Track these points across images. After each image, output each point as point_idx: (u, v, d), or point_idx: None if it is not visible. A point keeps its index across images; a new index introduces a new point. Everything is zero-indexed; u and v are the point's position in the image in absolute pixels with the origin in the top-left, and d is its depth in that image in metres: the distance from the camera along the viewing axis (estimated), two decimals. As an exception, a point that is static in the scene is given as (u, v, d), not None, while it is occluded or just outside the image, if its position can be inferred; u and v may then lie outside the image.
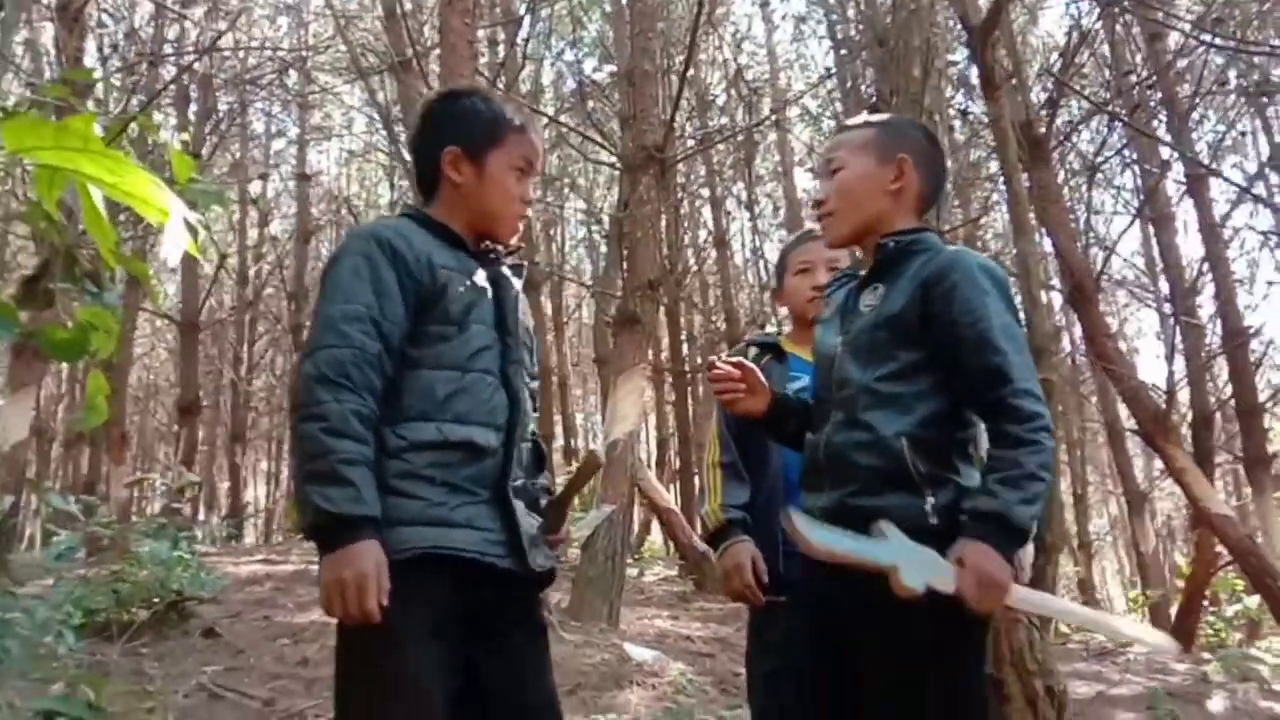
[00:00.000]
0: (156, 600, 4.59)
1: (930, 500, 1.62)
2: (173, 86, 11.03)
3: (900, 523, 1.60)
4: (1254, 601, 8.69)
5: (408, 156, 8.34)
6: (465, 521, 1.57)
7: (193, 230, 1.13)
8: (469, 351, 1.64)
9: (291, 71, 13.58)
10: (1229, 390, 9.29)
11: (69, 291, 1.87)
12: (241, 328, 16.87)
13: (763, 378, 1.89)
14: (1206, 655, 7.11)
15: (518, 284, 1.81)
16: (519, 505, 1.65)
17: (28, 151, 0.96)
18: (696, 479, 14.16)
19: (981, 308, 1.63)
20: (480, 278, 1.72)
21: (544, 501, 1.79)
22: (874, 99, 10.66)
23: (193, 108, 12.40)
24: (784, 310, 2.53)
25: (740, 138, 12.66)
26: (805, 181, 15.32)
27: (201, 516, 16.61)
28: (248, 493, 19.37)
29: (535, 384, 1.90)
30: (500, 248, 1.81)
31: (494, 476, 1.63)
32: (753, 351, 2.34)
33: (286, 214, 17.83)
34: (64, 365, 17.53)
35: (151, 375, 21.16)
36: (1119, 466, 12.43)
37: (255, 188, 16.12)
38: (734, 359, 1.90)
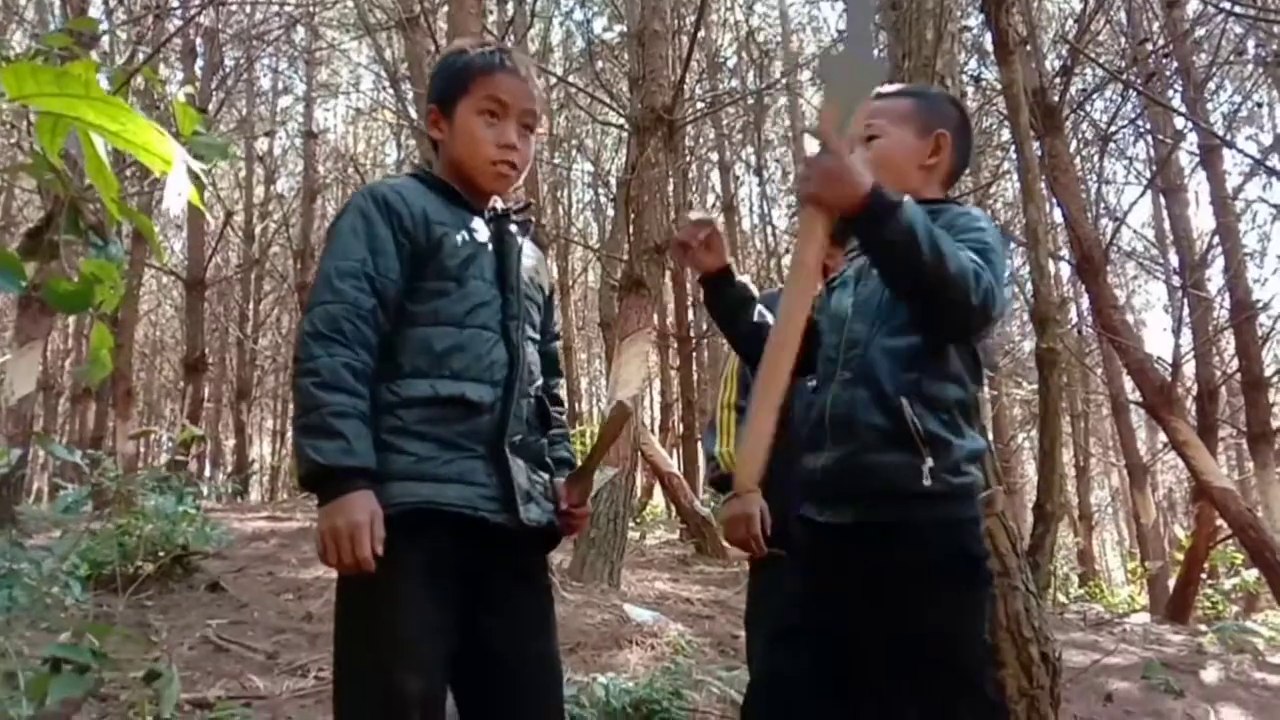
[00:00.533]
0: (162, 554, 4.63)
1: (928, 462, 1.62)
2: (178, 40, 10.94)
3: (895, 482, 1.61)
4: (1252, 575, 8.75)
5: (414, 114, 8.31)
6: (456, 476, 1.57)
7: (196, 181, 1.13)
8: (467, 307, 1.64)
9: (299, 27, 13.47)
10: (1235, 364, 9.26)
11: (73, 244, 1.87)
12: (247, 285, 16.90)
13: (724, 241, 1.88)
14: (1203, 627, 7.16)
15: (524, 240, 1.79)
16: (517, 461, 1.64)
17: (28, 98, 0.95)
18: (699, 443, 14.22)
19: (979, 233, 1.66)
20: (481, 233, 1.71)
21: (560, 470, 1.78)
22: (886, 63, 10.52)
23: (198, 62, 12.32)
24: None
25: (750, 101, 12.56)
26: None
27: (207, 473, 16.74)
28: (253, 450, 19.51)
29: (555, 343, 1.89)
30: (504, 203, 1.78)
31: (490, 432, 1.62)
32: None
33: (293, 171, 17.77)
34: (70, 320, 17.57)
35: (158, 332, 21.23)
36: (1122, 439, 12.44)
37: (261, 145, 16.04)
38: (700, 218, 1.85)
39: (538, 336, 1.78)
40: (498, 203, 1.78)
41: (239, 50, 13.33)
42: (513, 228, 1.76)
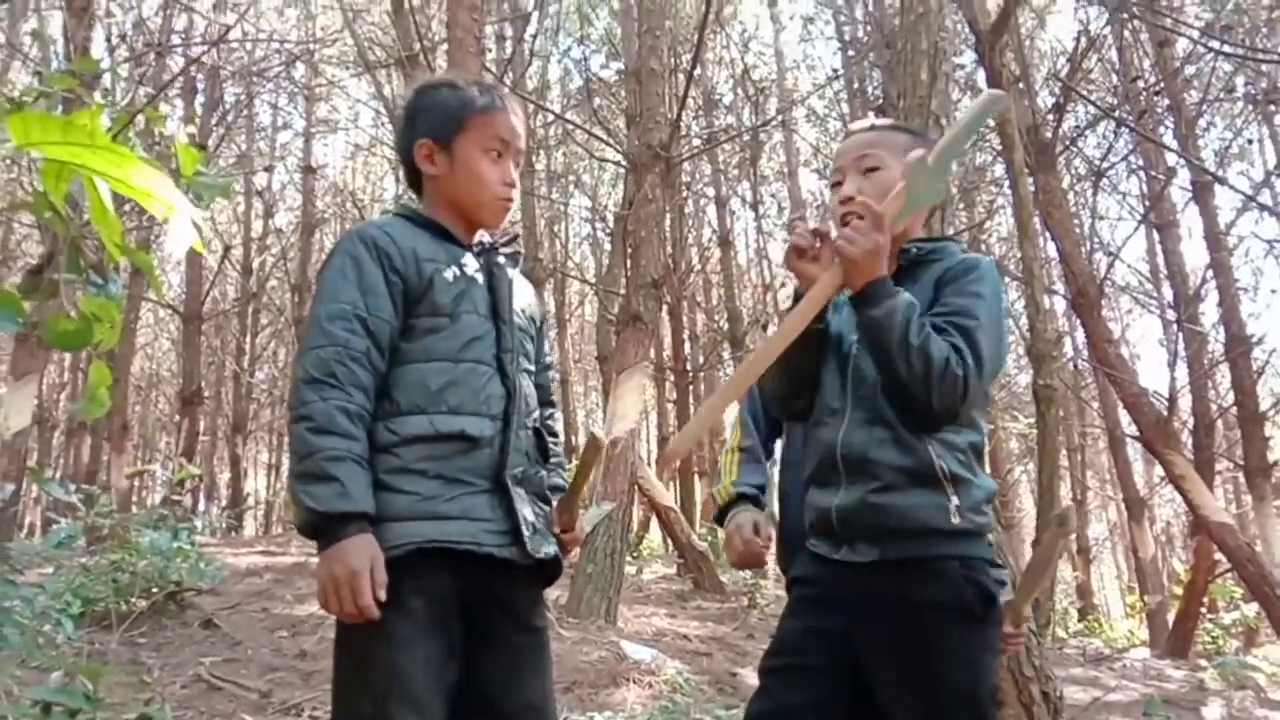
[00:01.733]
0: (155, 590, 4.60)
1: (954, 501, 1.62)
2: (180, 78, 11.04)
3: (927, 521, 1.62)
4: (1251, 609, 8.71)
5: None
6: (461, 513, 1.57)
7: (198, 227, 1.14)
8: (460, 342, 1.64)
9: (299, 64, 13.60)
10: (1231, 398, 9.28)
11: (73, 282, 1.87)
12: (244, 319, 16.88)
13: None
14: (1203, 662, 7.11)
15: (513, 272, 1.79)
16: (519, 493, 1.64)
17: (34, 145, 0.97)
18: (697, 476, 14.17)
19: (973, 299, 1.66)
20: (471, 267, 1.71)
21: (555, 497, 1.78)
22: (880, 101, 10.66)
23: (199, 99, 12.43)
24: None
25: (746, 137, 12.66)
26: (810, 182, 15.30)
27: (202, 507, 16.65)
28: (248, 484, 19.39)
29: (550, 373, 1.89)
30: (490, 236, 1.79)
31: (491, 466, 1.62)
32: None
33: (291, 206, 17.84)
34: (66, 355, 17.56)
35: (154, 365, 21.21)
36: (1119, 472, 12.43)
37: (260, 179, 16.13)
38: (815, 226, 1.78)
39: (532, 368, 1.79)
40: (484, 236, 1.79)
41: (239, 86, 13.46)
42: (501, 259, 1.77)
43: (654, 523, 13.26)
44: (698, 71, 10.47)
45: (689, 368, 14.03)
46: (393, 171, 16.44)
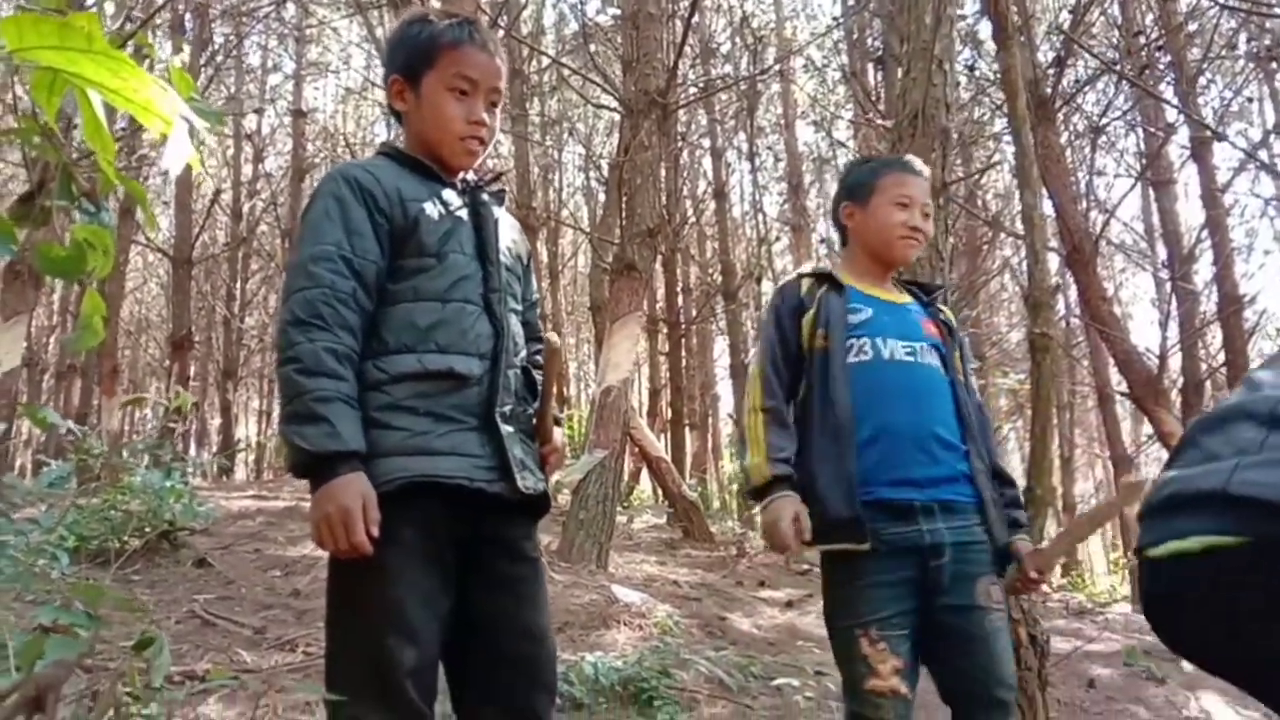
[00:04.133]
0: (148, 529, 4.61)
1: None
2: (166, 14, 10.82)
3: None
4: (1232, 565, 8.82)
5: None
6: (450, 449, 1.57)
7: (197, 143, 1.11)
8: (448, 282, 1.64)
9: (289, 4, 13.34)
10: (1221, 357, 9.32)
11: (65, 209, 1.84)
12: (235, 264, 16.78)
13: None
14: (1183, 616, 7.22)
15: (499, 211, 1.78)
16: (508, 430, 1.64)
17: (29, 50, 0.94)
18: (688, 428, 14.23)
19: None
20: (457, 206, 1.70)
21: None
22: (880, 52, 10.53)
23: (187, 38, 12.19)
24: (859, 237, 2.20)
25: (743, 86, 12.51)
26: (807, 135, 15.18)
27: (193, 452, 16.67)
28: (239, 429, 19.43)
29: (536, 310, 1.88)
30: (474, 175, 1.77)
31: (480, 404, 1.62)
32: (805, 283, 2.10)
33: (281, 150, 17.64)
34: (55, 295, 17.42)
35: (143, 309, 21.09)
36: (1107, 430, 12.51)
37: (250, 122, 15.91)
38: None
39: (519, 307, 1.78)
40: (469, 175, 1.77)
41: (228, 26, 13.20)
42: (486, 199, 1.76)
43: (645, 473, 13.33)
44: (695, 18, 10.31)
45: (682, 319, 14.02)
46: (384, 116, 16.24)
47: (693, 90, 11.36)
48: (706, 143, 14.66)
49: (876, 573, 1.89)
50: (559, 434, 1.80)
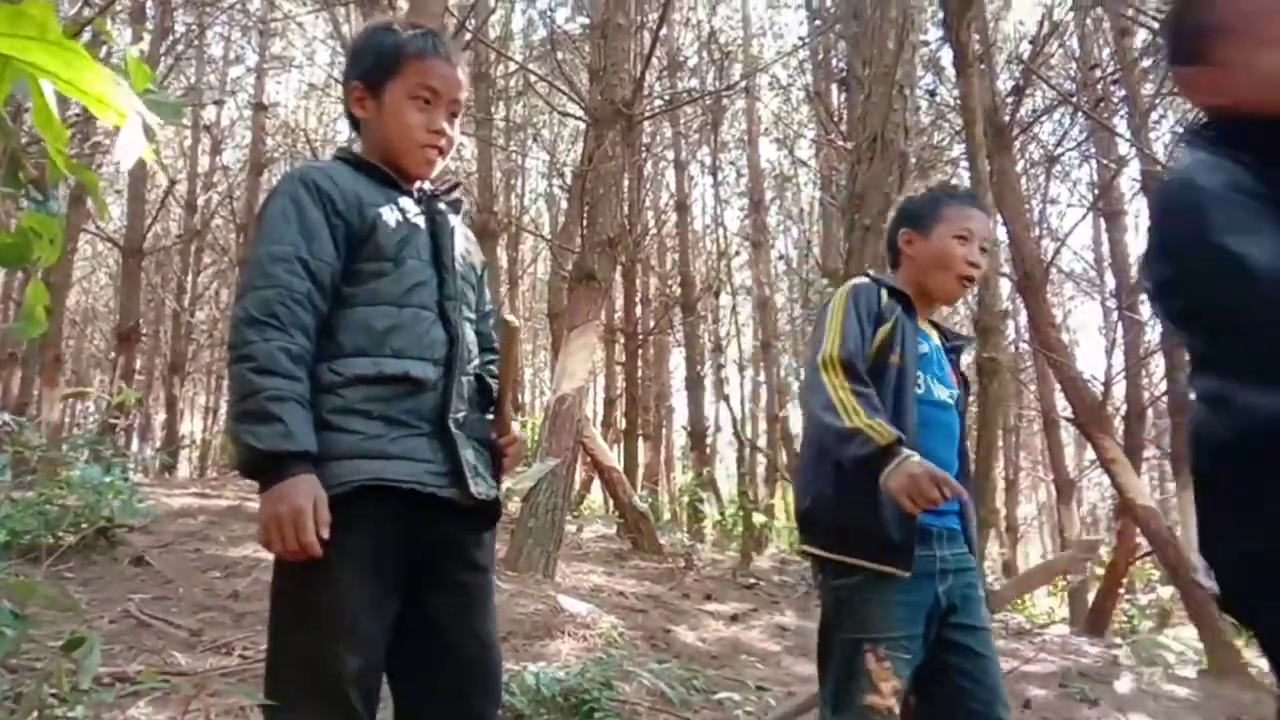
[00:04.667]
0: (85, 525, 4.50)
1: None
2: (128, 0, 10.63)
3: None
4: (1168, 592, 9.04)
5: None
6: (404, 453, 1.57)
7: (150, 136, 1.10)
8: (404, 287, 1.64)
9: (254, -4, 13.17)
10: (1163, 386, 9.55)
11: (12, 196, 1.80)
12: (187, 256, 16.47)
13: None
14: (1118, 640, 7.39)
15: (455, 219, 1.79)
16: (461, 436, 1.64)
17: (-21, 36, 0.92)
18: (641, 439, 14.23)
19: None
20: (414, 213, 1.71)
21: (493, 434, 1.78)
22: (844, 73, 10.66)
23: (148, 25, 11.97)
24: (914, 264, 2.16)
25: (709, 101, 12.60)
26: (770, 152, 15.30)
27: (135, 446, 16.31)
28: (184, 425, 19.03)
29: (488, 322, 1.89)
30: (428, 184, 1.78)
31: (434, 409, 1.62)
32: (884, 294, 2.08)
33: (240, 143, 17.37)
34: (-2, 282, 16.96)
35: (90, 299, 20.63)
36: (1051, 455, 12.74)
37: (209, 114, 15.66)
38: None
39: (474, 315, 1.79)
40: (425, 184, 1.78)
41: (190, 15, 13.00)
42: (442, 206, 1.77)
43: (596, 483, 13.31)
44: (664, 31, 10.36)
45: (639, 331, 14.03)
46: (346, 113, 16.08)
47: (658, 102, 11.41)
48: (670, 155, 14.73)
49: (900, 592, 1.91)
50: (518, 426, 1.80)
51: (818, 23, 12.07)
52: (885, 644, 1.88)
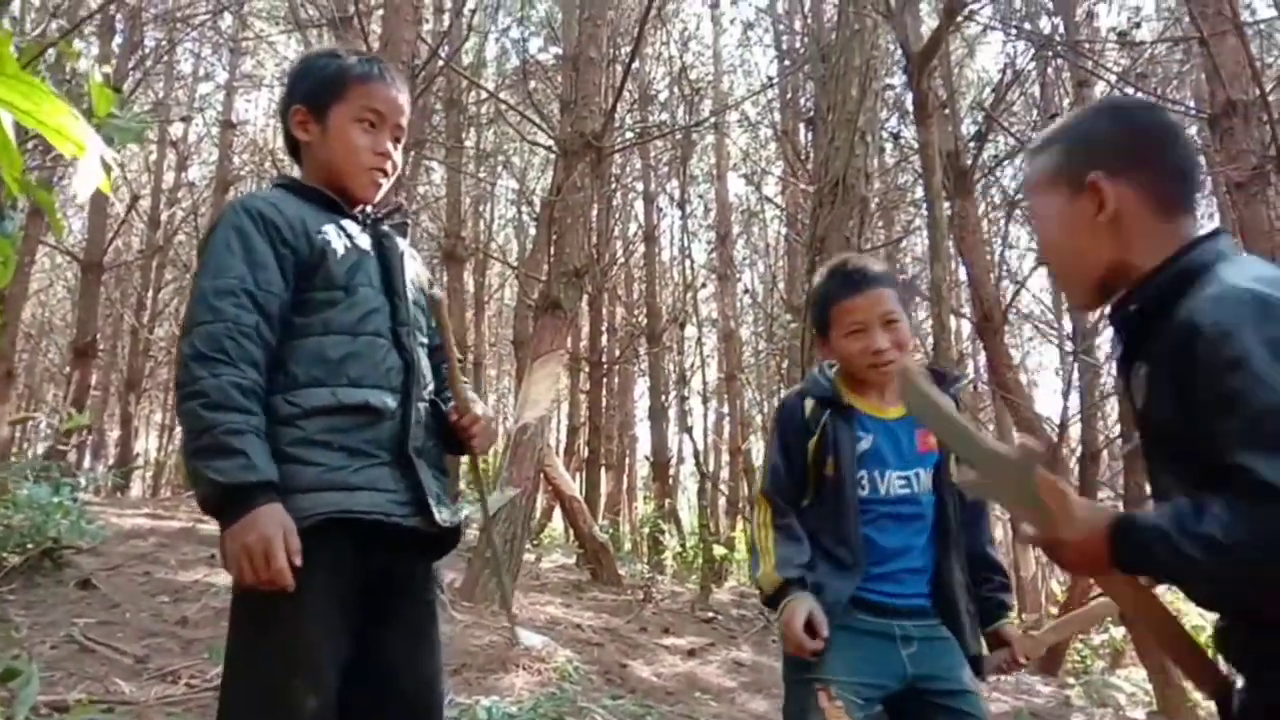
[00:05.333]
0: (30, 546, 4.41)
1: None
2: (97, 15, 10.56)
3: None
4: (1120, 632, 9.13)
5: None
6: (366, 484, 1.56)
7: (107, 168, 1.10)
8: (358, 314, 1.63)
9: (226, 14, 13.13)
10: (1118, 429, 9.70)
11: (-34, 217, 1.79)
12: (148, 273, 16.26)
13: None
14: (1071, 680, 7.45)
15: (403, 244, 1.79)
16: (421, 464, 1.64)
17: (-64, 67, 0.92)
18: (604, 468, 14.20)
19: (1236, 376, 1.10)
20: (361, 239, 1.71)
21: (448, 455, 1.78)
22: (811, 113, 10.84)
23: (117, 39, 11.89)
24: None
25: (678, 135, 12.72)
26: (738, 186, 15.46)
27: (87, 463, 15.98)
28: (139, 443, 18.71)
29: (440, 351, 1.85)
30: (369, 208, 1.77)
31: (393, 438, 1.62)
32: (810, 405, 2.06)
33: (207, 160, 17.24)
34: (-49, 293, 16.64)
35: (46, 313, 20.25)
36: (1009, 493, 12.85)
37: (176, 130, 15.54)
38: None
39: (426, 340, 1.78)
40: (368, 207, 1.78)
41: (161, 31, 12.92)
42: (388, 230, 1.77)
43: (557, 512, 13.25)
44: (635, 64, 10.47)
45: (604, 360, 14.04)
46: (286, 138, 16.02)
47: (629, 135, 11.51)
48: (640, 186, 14.82)
49: (850, 647, 1.93)
50: (480, 404, 1.77)
51: (787, 63, 12.27)
52: (836, 685, 1.90)
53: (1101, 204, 1.28)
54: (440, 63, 7.60)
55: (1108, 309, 1.36)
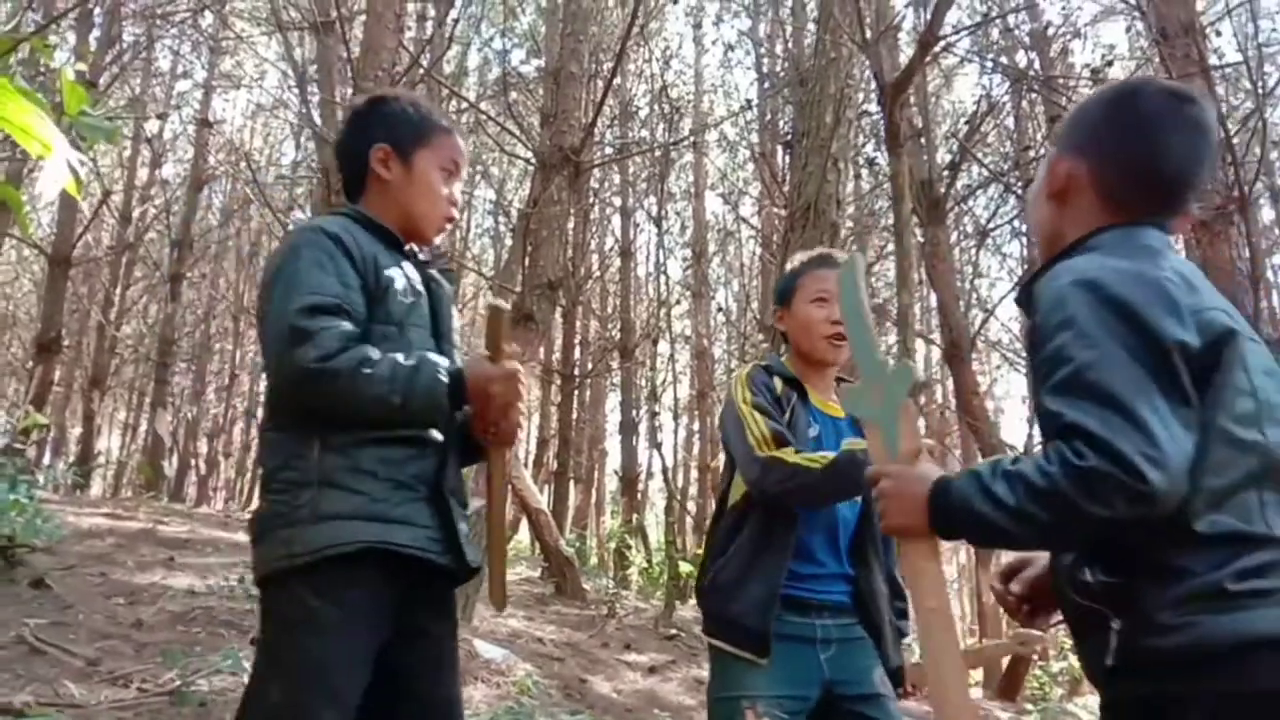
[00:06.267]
0: (-17, 544, 4.33)
1: None
2: (74, 10, 10.46)
3: None
4: (1077, 660, 9.23)
5: (317, 118, 8.14)
6: (404, 518, 1.59)
7: (75, 170, 1.10)
8: (409, 353, 1.66)
9: (207, 12, 13.06)
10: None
11: (-69, 210, 1.77)
12: (117, 269, 16.08)
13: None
14: (1029, 706, 7.51)
15: (449, 289, 1.85)
16: (453, 503, 1.68)
17: (-95, 63, 0.92)
18: (572, 481, 14.16)
19: (1062, 339, 1.18)
20: (417, 280, 1.75)
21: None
22: (789, 136, 10.95)
23: (95, 33, 11.79)
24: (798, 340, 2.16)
25: (657, 153, 12.78)
26: (715, 205, 15.54)
27: (47, 460, 15.73)
28: (100, 442, 18.42)
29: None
30: (426, 250, 1.82)
31: (433, 473, 1.65)
32: (779, 383, 2.08)
33: (182, 158, 17.11)
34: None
35: (11, 306, 19.96)
36: (972, 518, 12.97)
37: (152, 127, 15.40)
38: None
39: None
40: (419, 249, 1.82)
41: (139, 27, 12.83)
42: (437, 275, 1.82)
43: (524, 524, 13.19)
44: (617, 80, 10.53)
45: (576, 373, 14.03)
46: (294, 136, 15.95)
47: (608, 150, 11.55)
48: (618, 201, 14.87)
49: (773, 661, 1.95)
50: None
51: (767, 86, 12.38)
52: (763, 701, 1.92)
53: (1056, 177, 1.36)
54: (421, 71, 7.60)
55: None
